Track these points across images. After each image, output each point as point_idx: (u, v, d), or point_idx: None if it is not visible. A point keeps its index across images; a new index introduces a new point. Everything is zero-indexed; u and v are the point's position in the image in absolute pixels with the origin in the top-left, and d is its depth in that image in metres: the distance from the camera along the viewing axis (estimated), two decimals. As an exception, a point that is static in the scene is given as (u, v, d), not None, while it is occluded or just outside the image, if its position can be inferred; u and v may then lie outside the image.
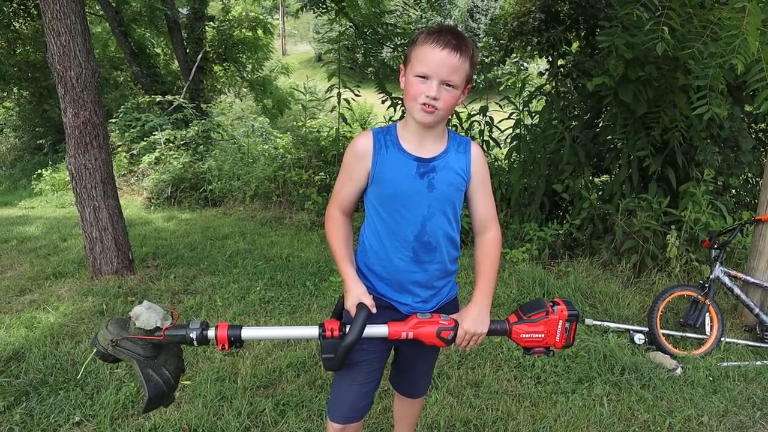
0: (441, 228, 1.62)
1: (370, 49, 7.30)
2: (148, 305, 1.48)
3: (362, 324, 1.49)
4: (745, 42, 3.27)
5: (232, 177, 8.40)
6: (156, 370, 1.47)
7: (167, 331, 1.48)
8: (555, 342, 1.61)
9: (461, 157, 1.62)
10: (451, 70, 1.47)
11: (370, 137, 1.61)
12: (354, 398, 1.75)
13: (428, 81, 1.48)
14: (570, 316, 1.60)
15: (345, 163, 1.66)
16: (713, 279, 3.72)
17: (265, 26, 14.81)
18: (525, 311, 1.63)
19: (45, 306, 3.87)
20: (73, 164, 4.14)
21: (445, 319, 1.58)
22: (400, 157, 1.58)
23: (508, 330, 1.62)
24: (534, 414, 2.77)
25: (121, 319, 1.51)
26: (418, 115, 1.52)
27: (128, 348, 1.46)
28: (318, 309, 3.93)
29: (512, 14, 6.72)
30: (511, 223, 5.67)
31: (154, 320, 1.46)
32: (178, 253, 5.23)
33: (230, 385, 2.86)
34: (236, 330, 1.51)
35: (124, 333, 1.46)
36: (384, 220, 1.62)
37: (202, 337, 1.49)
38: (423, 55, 1.49)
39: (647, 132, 4.91)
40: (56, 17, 3.85)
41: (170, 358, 1.53)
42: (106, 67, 14.59)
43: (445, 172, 1.59)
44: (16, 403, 2.66)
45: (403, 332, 1.56)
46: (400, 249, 1.62)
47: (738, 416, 2.88)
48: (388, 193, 1.59)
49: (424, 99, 1.49)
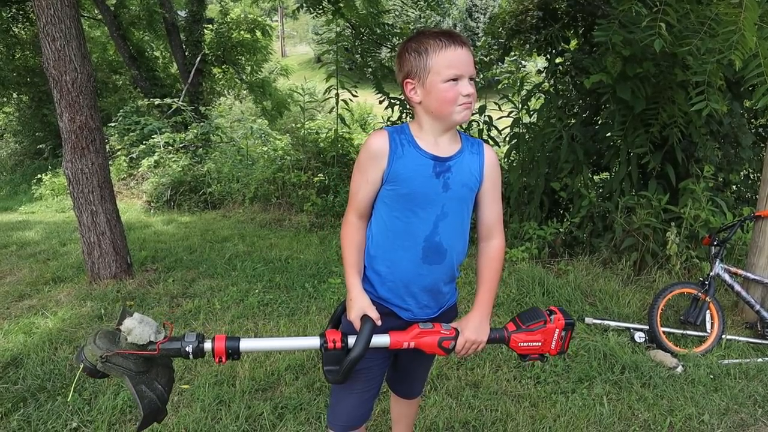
0: (453, 230, 1.61)
1: (368, 49, 7.30)
2: (140, 318, 1.42)
3: (368, 337, 1.47)
4: (743, 37, 3.25)
5: (231, 179, 8.40)
6: (149, 385, 1.43)
7: (162, 345, 1.43)
8: (550, 349, 1.63)
9: (475, 158, 1.61)
10: (472, 65, 1.52)
11: (386, 136, 1.58)
12: (353, 406, 1.73)
13: (460, 81, 1.50)
14: (566, 325, 1.61)
15: (360, 166, 1.60)
16: (713, 276, 3.70)
17: (263, 28, 14.81)
18: (523, 320, 1.63)
19: (43, 311, 3.87)
20: (70, 169, 4.14)
21: (446, 328, 1.58)
22: (417, 155, 1.56)
23: (506, 338, 1.63)
24: (533, 414, 2.75)
25: (109, 332, 1.44)
26: (462, 116, 1.53)
27: (119, 364, 1.39)
28: (317, 311, 3.92)
29: (510, 12, 6.71)
30: (510, 222, 5.65)
31: (147, 334, 1.41)
32: (177, 256, 5.22)
33: (228, 389, 2.85)
34: (234, 342, 1.47)
35: (115, 348, 1.39)
36: (396, 219, 1.59)
37: (198, 350, 1.44)
38: (446, 59, 1.49)
39: (646, 129, 4.89)
40: (51, 22, 3.84)
41: (161, 370, 1.49)
42: (105, 71, 14.61)
43: (460, 173, 1.58)
44: (13, 410, 2.65)
45: (405, 342, 1.55)
46: (410, 249, 1.59)
47: (739, 414, 2.86)
48: (404, 193, 1.56)
49: (462, 99, 1.50)
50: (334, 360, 1.49)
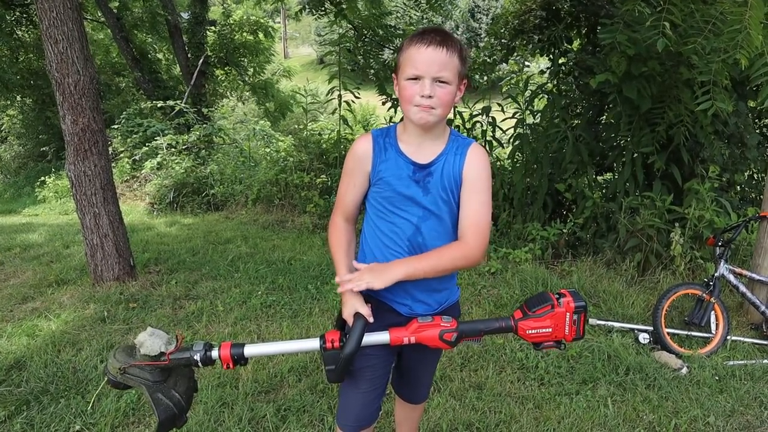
0: (436, 231, 1.61)
1: (370, 50, 7.29)
2: (151, 331, 1.52)
3: (359, 334, 1.49)
4: (748, 36, 3.23)
5: (234, 181, 8.40)
6: (165, 393, 1.51)
7: (171, 355, 1.51)
8: (564, 335, 1.55)
9: (458, 159, 1.59)
10: (440, 66, 1.46)
11: (370, 140, 1.62)
12: (361, 405, 1.73)
13: (420, 81, 1.47)
14: (577, 308, 1.53)
15: (347, 169, 1.66)
16: (718, 277, 3.67)
17: (266, 30, 14.86)
18: (530, 306, 1.56)
19: (47, 314, 3.86)
20: (73, 171, 4.14)
21: (446, 321, 1.56)
22: (398, 159, 1.58)
23: (513, 326, 1.55)
24: (537, 416, 2.74)
25: (127, 347, 1.54)
26: (416, 117, 1.51)
27: (136, 374, 1.49)
28: (320, 312, 3.91)
29: (513, 13, 6.69)
30: (514, 223, 5.63)
31: (157, 346, 1.49)
32: (179, 258, 5.21)
33: (231, 391, 2.85)
34: (239, 348, 1.53)
35: (131, 360, 1.50)
36: (382, 220, 1.63)
37: (206, 358, 1.52)
38: (411, 56, 1.48)
39: (652, 129, 4.86)
40: (53, 24, 3.84)
41: (180, 379, 1.56)
42: (108, 73, 14.66)
43: (440, 176, 1.57)
44: (17, 413, 2.65)
45: (405, 337, 1.54)
46: (396, 249, 1.62)
47: (745, 416, 2.83)
48: (387, 195, 1.60)
49: (419, 100, 1.48)
50: (333, 360, 1.52)
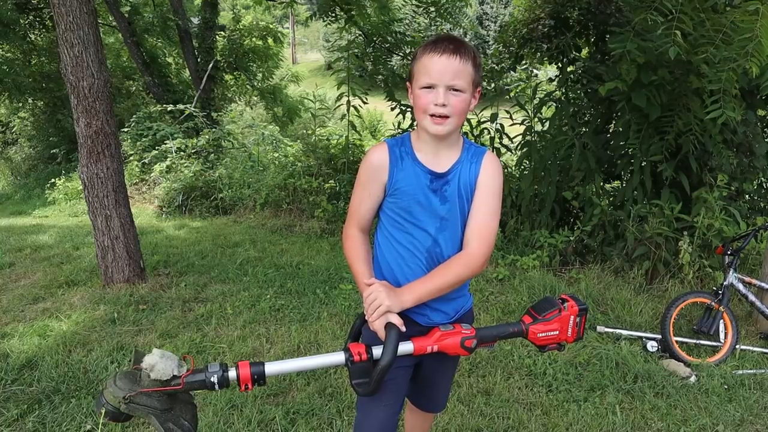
0: (453, 240, 1.60)
1: (379, 57, 7.33)
2: (161, 353, 1.35)
3: (395, 344, 1.45)
4: (759, 45, 3.24)
5: (242, 185, 8.44)
6: (176, 422, 1.37)
7: (186, 378, 1.36)
8: (567, 337, 1.63)
9: (473, 167, 1.59)
10: (454, 74, 1.46)
11: (386, 149, 1.59)
12: (385, 419, 1.69)
13: (434, 90, 1.47)
14: (580, 311, 1.61)
15: (361, 179, 1.62)
16: (727, 285, 3.67)
17: (275, 35, 14.92)
18: (538, 311, 1.63)
19: (57, 314, 3.90)
20: (86, 173, 4.18)
21: (466, 328, 1.57)
22: (416, 168, 1.57)
23: (524, 331, 1.61)
24: (545, 423, 2.74)
25: (129, 373, 1.38)
26: (431, 127, 1.50)
27: (144, 403, 1.32)
28: (328, 317, 3.92)
29: (522, 21, 6.71)
30: (521, 230, 5.64)
31: (170, 368, 1.34)
32: (189, 261, 5.25)
33: (240, 393, 2.86)
34: (259, 367, 1.42)
35: (138, 387, 1.33)
36: (399, 231, 1.61)
37: (223, 380, 1.38)
38: (424, 65, 1.48)
39: (661, 137, 4.86)
40: (70, 28, 3.90)
41: (185, 406, 1.43)
42: (119, 76, 14.77)
43: (457, 185, 1.57)
44: (29, 411, 2.68)
45: (429, 346, 1.54)
46: (414, 260, 1.61)
47: (754, 425, 2.83)
48: (404, 205, 1.58)
49: (433, 109, 1.47)
50: (363, 372, 1.47)
